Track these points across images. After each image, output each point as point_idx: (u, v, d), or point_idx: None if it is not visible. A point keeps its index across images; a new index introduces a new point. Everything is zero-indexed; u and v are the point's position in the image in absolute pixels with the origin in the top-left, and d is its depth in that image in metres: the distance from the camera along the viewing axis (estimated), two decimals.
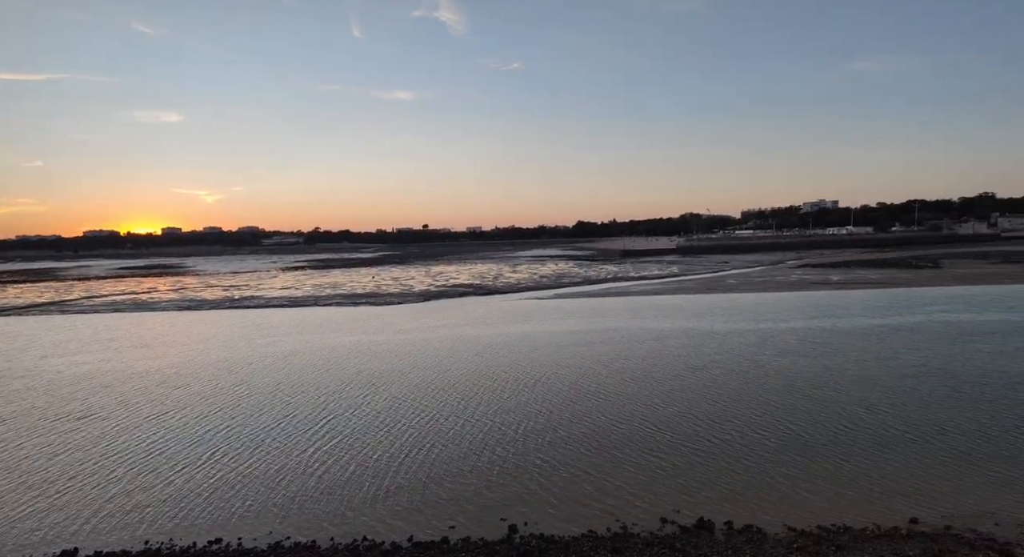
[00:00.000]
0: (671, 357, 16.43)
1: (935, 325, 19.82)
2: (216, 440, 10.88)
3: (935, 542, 6.66)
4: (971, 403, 11.38)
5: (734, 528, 7.13)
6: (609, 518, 7.48)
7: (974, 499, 7.63)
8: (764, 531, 7.01)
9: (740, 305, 27.47)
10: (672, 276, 46.64)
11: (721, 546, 6.66)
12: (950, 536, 6.80)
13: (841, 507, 7.61)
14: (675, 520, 7.37)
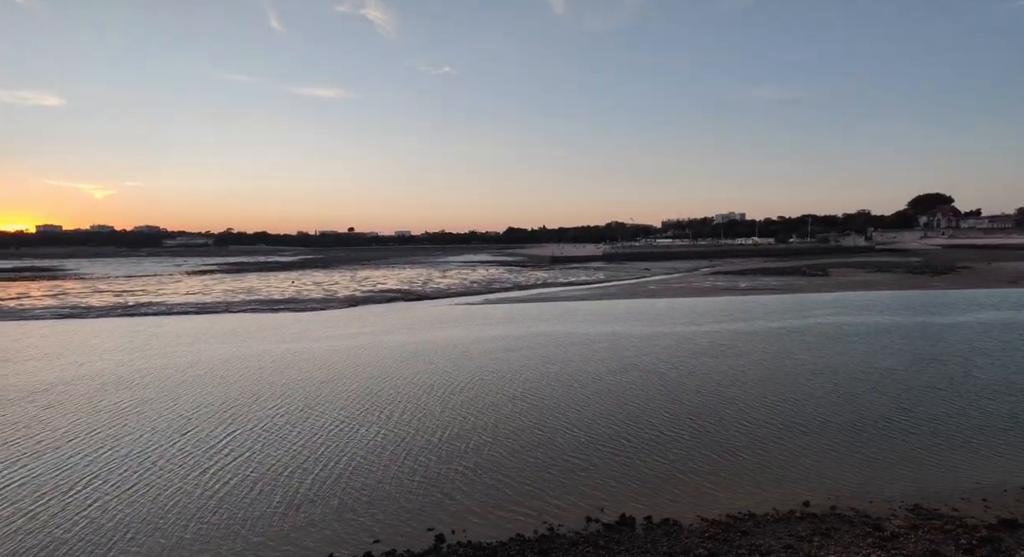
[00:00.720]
0: (594, 361, 16.95)
1: (823, 327, 22.14)
2: (94, 465, 9.59)
3: (823, 522, 7.38)
4: (849, 396, 12.79)
5: (653, 522, 7.46)
6: (536, 520, 7.53)
7: (853, 482, 8.54)
8: (680, 523, 7.40)
9: (660, 310, 29.05)
10: (598, 282, 48.44)
11: (641, 540, 6.93)
12: (835, 515, 7.56)
13: (746, 496, 8.21)
14: (599, 518, 7.57)
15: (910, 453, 9.50)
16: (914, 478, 8.58)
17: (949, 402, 12.08)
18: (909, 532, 6.96)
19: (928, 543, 6.67)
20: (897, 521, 7.29)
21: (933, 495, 8.00)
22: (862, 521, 7.33)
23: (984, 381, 13.64)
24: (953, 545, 6.58)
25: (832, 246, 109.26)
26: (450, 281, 51.72)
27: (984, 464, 8.98)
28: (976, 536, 6.70)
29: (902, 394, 12.76)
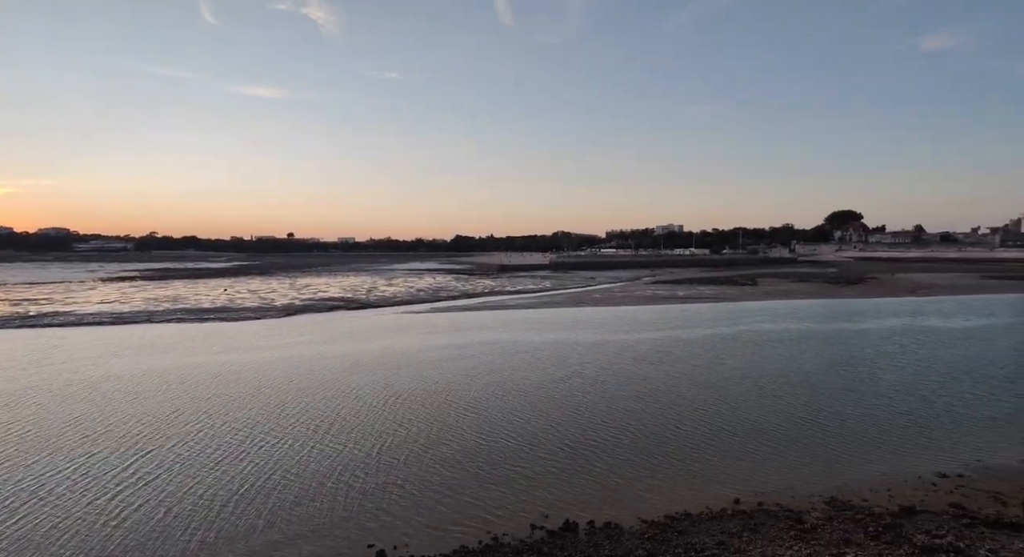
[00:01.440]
0: (539, 369, 17.09)
1: (751, 334, 23.59)
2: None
3: (751, 518, 7.78)
4: (773, 399, 13.67)
5: (596, 526, 7.58)
6: (480, 531, 7.44)
7: (778, 479, 9.09)
8: (621, 526, 7.56)
9: (603, 318, 29.83)
10: (545, 290, 49.09)
11: (584, 545, 7.02)
12: (762, 511, 8.00)
13: (682, 497, 8.52)
14: (543, 525, 7.59)
15: (826, 450, 10.25)
16: (830, 473, 9.26)
17: (858, 402, 13.19)
18: (826, 523, 7.48)
19: (842, 532, 7.20)
20: (816, 513, 7.81)
21: (846, 488, 8.66)
22: (786, 515, 7.80)
23: (887, 382, 15.01)
24: (862, 533, 7.14)
25: (760, 257, 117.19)
26: (396, 289, 50.60)
27: (888, 457, 9.85)
28: (882, 523, 7.31)
29: (819, 395, 13.79)
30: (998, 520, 7.31)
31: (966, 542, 6.71)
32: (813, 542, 6.98)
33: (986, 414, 12.05)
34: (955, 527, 7.17)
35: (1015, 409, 12.42)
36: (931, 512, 7.69)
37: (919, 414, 12.15)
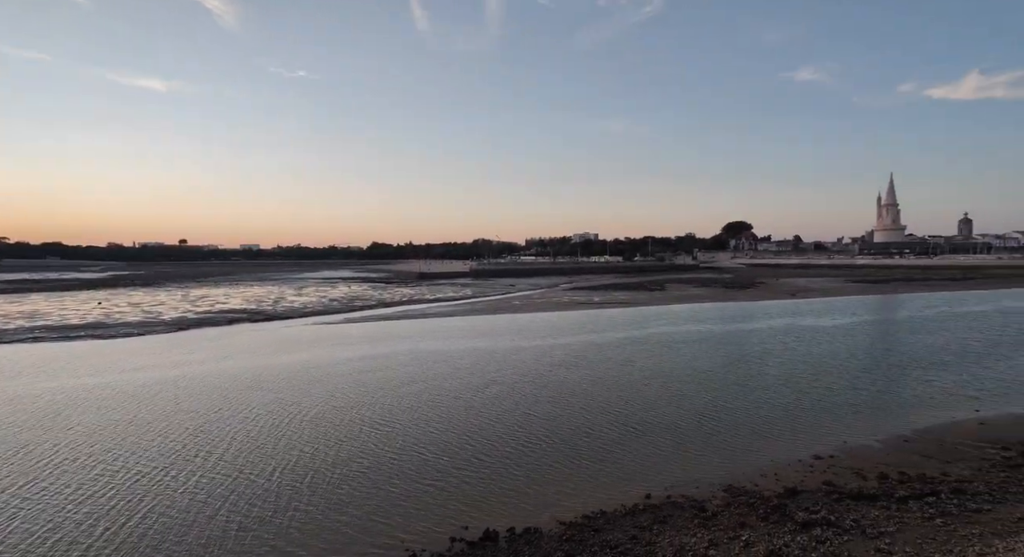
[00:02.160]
0: (456, 378, 16.92)
1: (659, 336, 25.18)
2: None
3: (661, 510, 8.22)
4: (678, 396, 14.66)
5: (516, 533, 7.59)
6: (398, 551, 7.16)
7: (683, 472, 9.72)
8: (541, 530, 7.64)
9: (522, 324, 30.28)
10: (466, 298, 48.90)
11: (505, 553, 7.01)
12: (670, 503, 8.47)
13: (598, 496, 8.80)
14: (463, 537, 7.47)
15: (724, 442, 11.15)
16: (727, 463, 10.06)
17: (748, 397, 14.52)
18: (724, 509, 8.09)
19: (738, 516, 7.82)
20: (716, 501, 8.42)
21: (741, 475, 9.45)
22: (691, 505, 8.33)
23: (772, 377, 16.69)
24: (755, 515, 7.81)
25: (668, 264, 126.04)
26: (306, 299, 47.71)
27: (774, 445, 10.91)
28: (770, 505, 8.05)
29: (717, 392, 15.00)
30: (860, 493, 8.36)
31: (836, 515, 7.58)
32: (714, 528, 7.51)
33: (849, 402, 13.80)
34: (827, 502, 8.09)
35: (871, 396, 14.37)
36: (809, 491, 8.61)
37: (797, 405, 13.64)
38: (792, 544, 6.88)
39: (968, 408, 13.06)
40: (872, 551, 6.59)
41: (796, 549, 6.75)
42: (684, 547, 7.01)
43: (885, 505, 7.90)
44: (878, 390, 14.92)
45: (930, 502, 7.89)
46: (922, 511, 7.61)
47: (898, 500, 8.02)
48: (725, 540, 7.14)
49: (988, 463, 9.58)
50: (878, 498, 8.12)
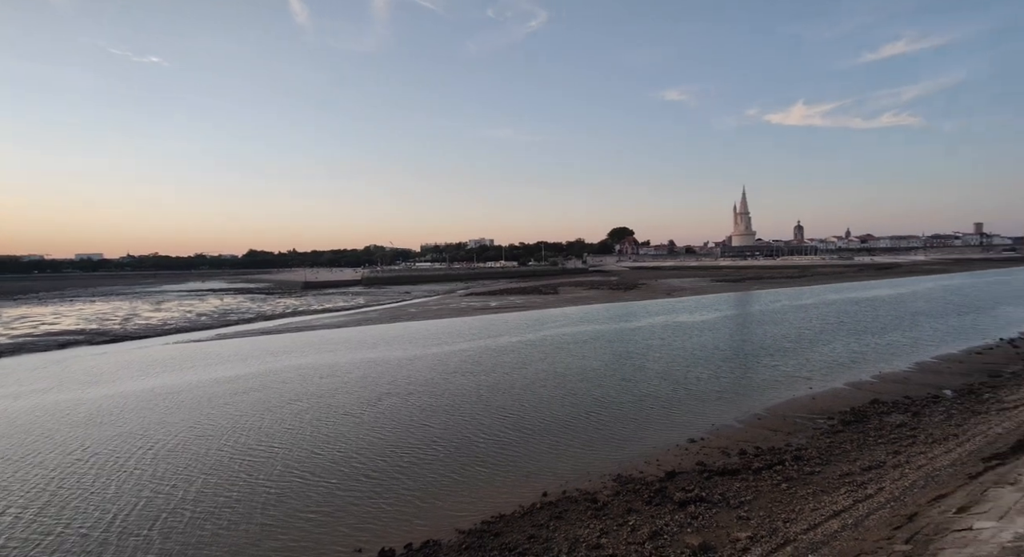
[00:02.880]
0: (346, 393, 16.05)
1: (553, 338, 26.22)
2: None
3: (557, 506, 8.49)
4: (570, 394, 15.38)
5: (414, 548, 7.37)
6: None
7: (577, 466, 10.17)
8: (440, 542, 7.48)
9: (418, 332, 29.62)
10: (358, 308, 46.59)
11: None
12: (566, 498, 8.79)
13: (496, 500, 8.84)
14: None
15: (613, 434, 11.89)
16: (617, 453, 10.73)
17: (632, 390, 15.70)
18: (614, 498, 8.60)
19: (626, 503, 8.36)
20: (607, 491, 8.92)
21: (628, 464, 10.14)
22: (584, 498, 8.72)
23: (652, 371, 18.23)
24: (640, 500, 8.41)
25: (560, 269, 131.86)
26: (167, 315, 41.95)
27: (656, 433, 11.88)
28: (653, 489, 8.73)
29: (606, 388, 15.98)
30: (725, 469, 9.42)
31: (707, 491, 8.46)
32: (604, 517, 7.94)
33: (715, 389, 15.55)
34: (700, 481, 8.99)
35: (731, 382, 16.33)
36: (685, 472, 9.51)
37: (674, 395, 15.03)
38: (671, 522, 7.52)
39: (804, 386, 15.41)
40: (735, 519, 7.44)
41: (674, 526, 7.39)
42: (578, 539, 7.31)
43: (744, 477, 8.98)
44: (737, 377, 16.99)
45: (778, 470, 9.14)
46: (772, 479, 8.78)
47: (754, 471, 9.17)
48: (615, 527, 7.58)
49: (819, 431, 11.37)
50: (739, 472, 9.22)
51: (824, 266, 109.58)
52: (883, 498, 6.76)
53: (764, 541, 6.53)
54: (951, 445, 8.95)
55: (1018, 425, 8.83)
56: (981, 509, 4.75)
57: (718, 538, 6.92)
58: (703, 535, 7.02)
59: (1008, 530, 3.95)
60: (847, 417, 12.17)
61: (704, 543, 6.74)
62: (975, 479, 6.06)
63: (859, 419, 11.95)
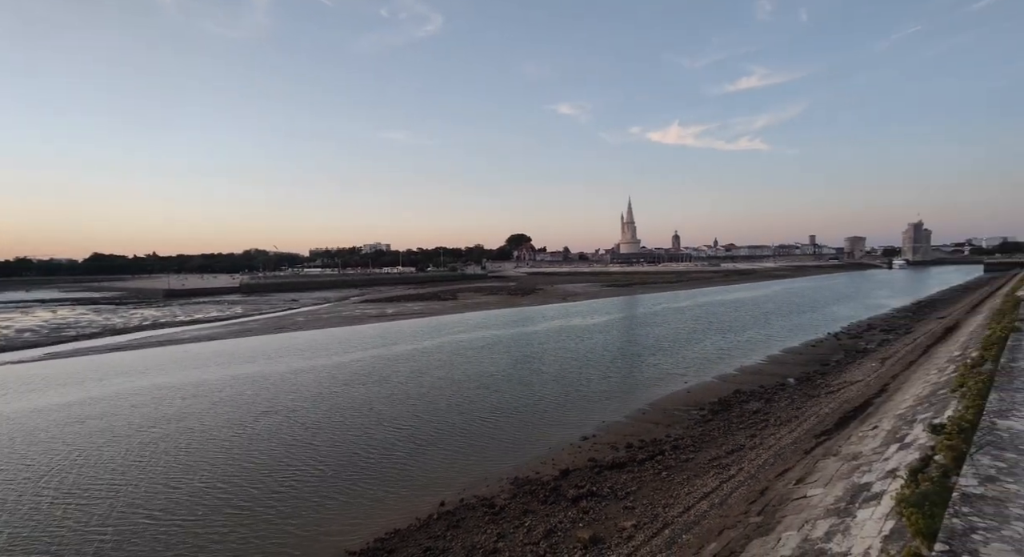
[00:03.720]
0: (213, 415, 14.41)
1: (452, 344, 25.99)
2: None
3: (454, 515, 8.34)
4: (468, 401, 15.36)
5: None
6: None
7: (475, 472, 10.11)
8: None
9: (307, 343, 27.57)
10: (235, 317, 42.14)
11: None
12: (463, 506, 8.67)
13: (392, 515, 8.47)
14: None
15: (511, 437, 12.03)
16: (514, 456, 10.86)
17: (529, 393, 16.11)
18: (511, 501, 8.68)
19: (523, 505, 8.48)
20: (504, 495, 8.98)
21: (525, 466, 10.31)
22: (482, 504, 8.68)
23: (548, 374, 18.86)
24: (537, 500, 8.59)
25: (459, 274, 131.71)
26: None
27: (551, 433, 12.26)
28: (548, 488, 8.97)
29: (503, 393, 16.18)
30: (613, 463, 9.99)
31: (597, 486, 8.89)
32: (502, 521, 7.98)
33: (605, 388, 16.51)
34: (591, 476, 9.43)
35: (619, 381, 17.47)
36: (579, 469, 9.91)
37: (568, 396, 15.68)
38: (565, 519, 7.77)
39: (681, 382, 16.98)
40: (622, 510, 7.91)
41: (568, 523, 7.65)
42: (475, 546, 7.25)
43: (631, 469, 9.61)
44: (624, 376, 18.22)
45: (659, 460, 9.92)
46: (654, 468, 9.50)
47: (639, 463, 9.85)
48: (511, 530, 7.64)
49: (693, 421, 12.58)
50: (626, 464, 9.84)
51: (697, 272, 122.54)
52: (742, 477, 7.63)
53: (647, 527, 7.01)
54: (793, 426, 10.41)
55: (840, 405, 10.56)
56: (813, 479, 5.56)
57: (607, 529, 7.29)
58: (593, 528, 7.35)
59: (831, 494, 4.67)
60: (715, 407, 13.62)
61: (594, 536, 7.05)
62: (809, 453, 7.09)
63: (725, 408, 13.44)
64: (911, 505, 3.05)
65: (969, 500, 3.10)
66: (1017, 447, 4.01)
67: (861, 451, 5.76)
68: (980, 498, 3.12)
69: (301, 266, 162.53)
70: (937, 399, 6.66)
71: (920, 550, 2.65)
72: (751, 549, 4.37)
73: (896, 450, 5.07)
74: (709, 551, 5.00)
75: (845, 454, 5.97)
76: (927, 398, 7.08)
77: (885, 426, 6.48)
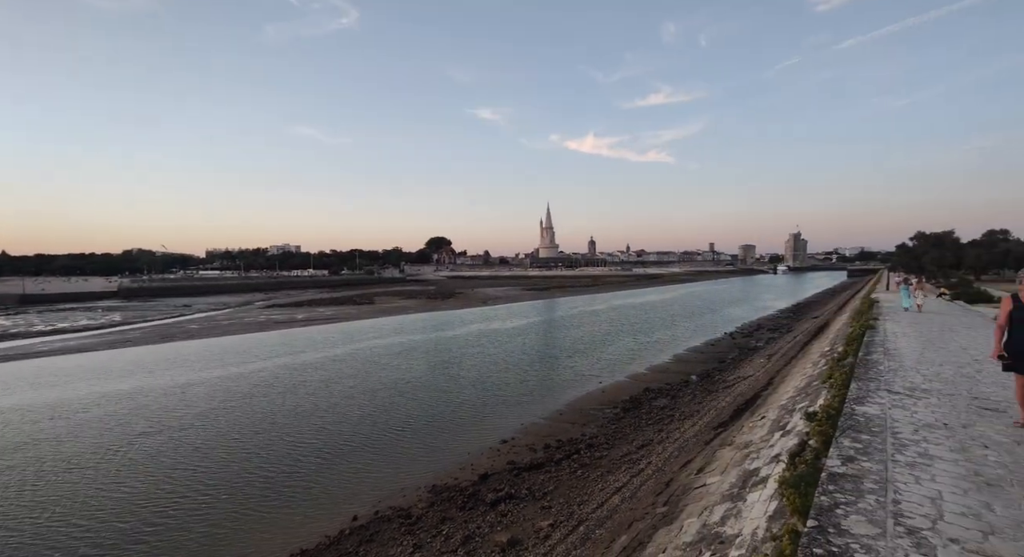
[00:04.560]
0: (73, 441, 12.59)
1: (367, 351, 25.00)
2: None
3: (368, 529, 7.99)
4: (385, 408, 14.88)
5: None
6: None
7: (390, 484, 9.79)
8: None
9: (202, 352, 25.08)
10: (112, 326, 37.24)
11: None
12: (378, 519, 8.33)
13: (300, 533, 7.94)
14: None
15: (428, 444, 11.79)
16: (432, 464, 10.65)
17: (448, 399, 15.93)
18: (428, 510, 8.48)
19: (441, 512, 8.32)
20: (421, 504, 8.75)
21: (444, 473, 10.14)
22: (398, 515, 8.39)
23: (467, 379, 18.76)
24: (455, 507, 8.47)
25: (376, 278, 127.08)
26: None
27: (470, 439, 12.20)
28: (467, 494, 8.89)
29: (420, 400, 15.83)
30: (531, 464, 10.15)
31: (515, 488, 8.97)
32: (419, 531, 7.76)
33: (523, 391, 16.76)
34: (510, 479, 9.50)
35: (537, 384, 17.83)
36: (498, 473, 9.93)
37: (487, 400, 15.71)
38: (483, 524, 7.74)
39: (596, 382, 17.69)
40: (539, 510, 8.04)
41: (486, 527, 7.63)
42: None
43: (548, 469, 9.81)
44: (542, 378, 18.63)
45: (575, 458, 10.23)
46: (570, 467, 9.78)
47: (556, 463, 10.09)
48: (428, 539, 7.46)
49: (607, 420, 13.15)
50: (544, 465, 10.03)
51: (612, 276, 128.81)
52: (651, 470, 8.10)
53: (563, 525, 7.18)
54: (696, 419, 11.26)
55: (735, 398, 11.62)
56: (711, 468, 6.04)
57: (524, 531, 7.36)
58: (511, 530, 7.39)
59: (726, 481, 5.10)
60: (627, 405, 14.35)
61: (512, 538, 7.09)
62: (709, 444, 7.70)
63: (636, 406, 14.20)
64: (790, 486, 3.40)
65: (834, 479, 3.52)
66: (871, 429, 4.63)
67: (751, 440, 6.35)
68: (842, 476, 3.56)
69: (196, 268, 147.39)
70: (812, 390, 7.54)
71: (797, 526, 2.95)
72: (657, 538, 4.63)
73: (779, 437, 5.65)
74: (620, 544, 5.23)
75: (738, 443, 6.55)
76: (804, 389, 7.99)
77: (771, 416, 7.21)
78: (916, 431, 4.62)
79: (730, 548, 3.45)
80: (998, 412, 5.29)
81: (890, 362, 8.07)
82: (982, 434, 4.57)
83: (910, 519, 2.96)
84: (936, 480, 3.53)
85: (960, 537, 2.77)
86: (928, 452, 4.08)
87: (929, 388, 6.34)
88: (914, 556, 2.58)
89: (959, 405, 5.55)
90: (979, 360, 8.28)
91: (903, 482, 3.48)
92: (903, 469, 3.71)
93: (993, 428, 4.75)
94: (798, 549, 2.66)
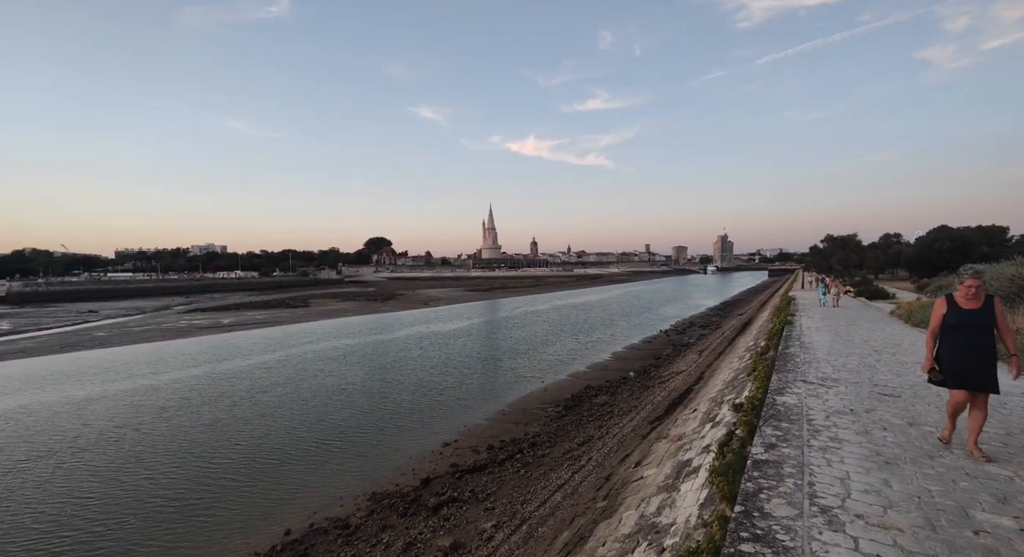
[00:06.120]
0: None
1: (300, 357, 23.84)
2: None
3: (302, 543, 7.60)
4: (319, 416, 14.28)
5: None
6: None
7: (326, 493, 9.37)
8: None
9: (107, 362, 22.81)
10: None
11: None
12: (313, 531, 7.94)
13: (228, 550, 7.42)
14: None
15: (368, 452, 11.40)
16: (372, 470, 10.31)
17: (388, 404, 15.52)
18: (368, 519, 8.19)
19: (381, 521, 8.06)
20: (360, 513, 8.44)
21: (384, 479, 9.84)
22: (335, 526, 8.04)
23: (408, 384, 18.34)
24: (395, 514, 8.24)
25: (312, 279, 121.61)
26: None
27: (412, 443, 11.93)
28: (408, 499, 8.68)
29: (357, 406, 15.29)
30: (474, 466, 10.09)
31: (458, 491, 8.87)
32: (357, 541, 7.48)
33: (465, 393, 16.64)
34: (452, 482, 9.38)
35: (479, 385, 17.77)
36: (440, 476, 9.78)
37: (428, 403, 15.46)
38: (425, 530, 7.59)
39: (538, 381, 17.90)
40: (482, 512, 8.00)
41: (428, 533, 7.48)
42: None
43: (491, 470, 9.79)
44: (484, 379, 18.59)
45: (518, 458, 10.28)
46: (513, 467, 9.82)
47: (499, 463, 10.09)
48: (367, 549, 7.21)
49: (549, 418, 13.33)
50: (487, 466, 9.99)
51: (553, 277, 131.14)
52: (591, 466, 8.29)
53: (506, 525, 7.18)
54: (634, 415, 11.68)
55: (669, 393, 12.17)
56: (648, 460, 6.28)
57: (467, 534, 7.29)
58: (454, 534, 7.30)
59: (662, 473, 5.33)
60: (569, 402, 14.63)
61: (455, 542, 7.00)
62: (645, 438, 8.01)
63: (577, 403, 14.51)
64: (719, 474, 3.59)
65: (758, 465, 3.75)
66: (790, 418, 5.00)
67: (685, 432, 6.66)
68: (765, 463, 3.81)
69: (104, 270, 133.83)
70: (738, 383, 8.03)
71: (725, 512, 3.12)
72: (598, 532, 4.74)
73: (710, 428, 5.97)
74: (562, 540, 5.30)
75: (673, 436, 6.86)
76: (731, 382, 8.51)
77: (702, 409, 7.60)
78: (828, 417, 5.04)
79: (665, 537, 3.59)
80: (894, 397, 5.89)
81: (805, 354, 8.78)
82: (882, 418, 5.06)
83: (823, 499, 3.21)
84: (844, 462, 3.86)
85: (864, 512, 3.04)
86: (838, 436, 4.46)
87: (838, 377, 6.95)
88: (827, 533, 2.80)
89: (863, 392, 6.12)
90: (878, 351, 9.20)
91: (817, 465, 3.78)
92: (817, 453, 4.03)
93: (890, 412, 5.27)
94: (727, 534, 2.81)
